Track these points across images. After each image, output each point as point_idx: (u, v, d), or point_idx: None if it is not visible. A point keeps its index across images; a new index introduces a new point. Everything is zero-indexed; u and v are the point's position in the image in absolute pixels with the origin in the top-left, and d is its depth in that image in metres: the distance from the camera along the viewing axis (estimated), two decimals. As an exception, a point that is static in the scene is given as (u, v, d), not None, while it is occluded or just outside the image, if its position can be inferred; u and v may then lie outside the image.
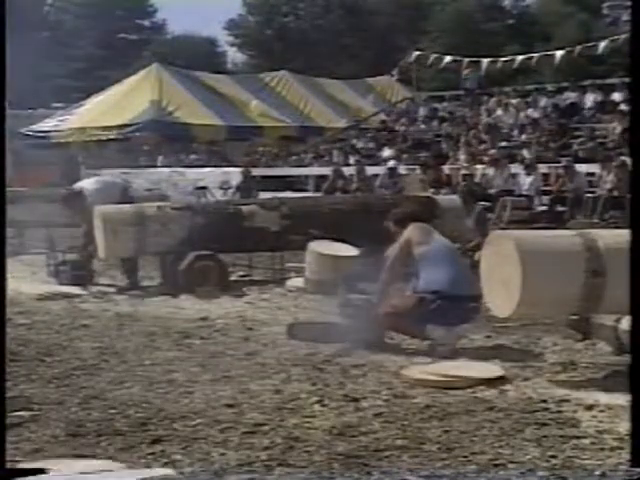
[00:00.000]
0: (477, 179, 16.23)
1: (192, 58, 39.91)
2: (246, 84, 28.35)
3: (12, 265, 7.14)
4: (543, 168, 15.84)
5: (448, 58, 24.55)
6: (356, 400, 4.57)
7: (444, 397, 4.62)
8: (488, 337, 6.16)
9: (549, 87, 21.85)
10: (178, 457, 3.72)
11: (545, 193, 15.33)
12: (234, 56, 54.15)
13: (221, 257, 8.75)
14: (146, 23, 54.09)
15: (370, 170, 18.22)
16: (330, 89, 29.83)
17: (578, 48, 21.85)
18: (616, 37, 20.14)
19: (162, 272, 8.99)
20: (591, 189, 14.71)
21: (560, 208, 14.54)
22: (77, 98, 29.74)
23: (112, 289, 8.85)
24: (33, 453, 3.80)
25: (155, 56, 34.39)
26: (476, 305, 5.87)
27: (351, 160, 20.22)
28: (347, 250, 8.48)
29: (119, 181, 11.42)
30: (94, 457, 3.74)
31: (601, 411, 4.30)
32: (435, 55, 25.42)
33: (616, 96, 18.94)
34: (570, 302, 4.97)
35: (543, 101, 20.51)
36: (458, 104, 23.45)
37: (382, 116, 25.42)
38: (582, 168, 15.18)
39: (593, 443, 3.82)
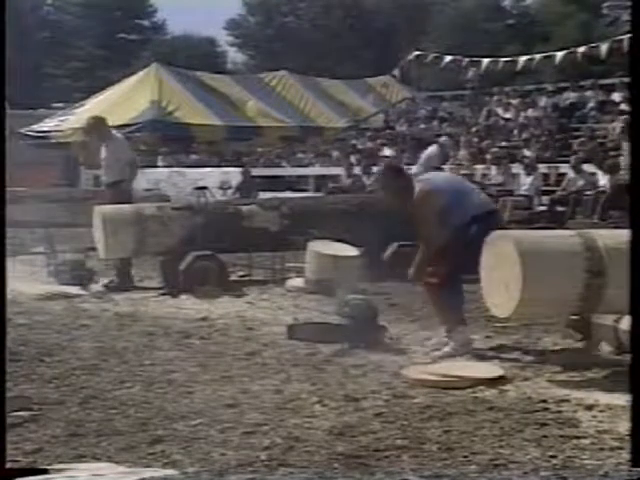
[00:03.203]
0: (477, 179, 16.23)
1: (192, 58, 39.96)
2: (246, 84, 28.35)
3: (12, 265, 7.13)
4: (543, 168, 15.85)
5: (448, 58, 24.54)
6: (356, 400, 4.57)
7: (444, 397, 4.62)
8: (488, 337, 6.16)
9: (549, 87, 21.84)
10: (178, 457, 3.72)
11: (545, 193, 15.33)
12: (234, 56, 54.23)
13: (221, 257, 8.75)
14: (146, 23, 54.10)
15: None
16: (330, 89, 29.83)
17: (580, 50, 21.82)
18: (619, 38, 20.10)
19: (162, 272, 8.99)
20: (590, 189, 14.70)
21: (560, 208, 14.54)
22: (77, 98, 29.74)
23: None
24: (33, 453, 3.80)
25: (155, 56, 34.40)
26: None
27: (352, 160, 20.21)
28: (347, 250, 8.48)
29: None
30: (94, 457, 3.74)
31: (601, 411, 4.30)
32: (435, 55, 25.41)
33: (616, 96, 18.93)
34: (570, 302, 4.97)
35: (543, 101, 20.51)
36: (458, 104, 23.45)
37: (382, 116, 25.44)
38: (582, 168, 15.17)
39: (593, 443, 3.82)
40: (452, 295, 5.83)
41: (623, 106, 17.23)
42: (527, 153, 17.02)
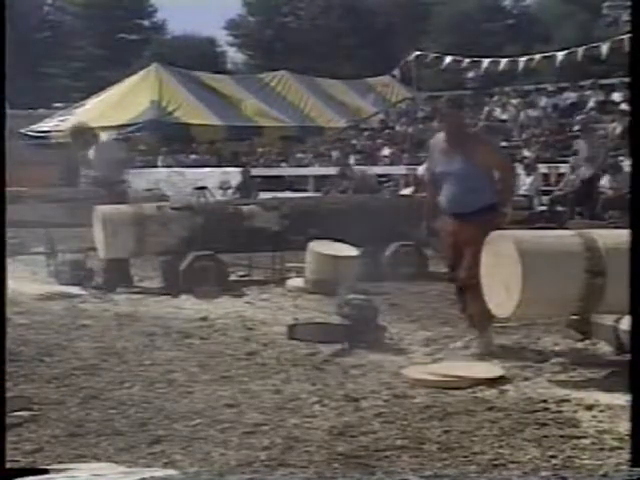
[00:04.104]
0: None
1: (192, 58, 39.94)
2: (246, 84, 28.38)
3: (12, 265, 7.13)
4: (543, 168, 15.85)
5: (448, 58, 24.53)
6: (356, 400, 4.57)
7: (444, 397, 4.62)
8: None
9: (549, 87, 21.83)
10: (178, 457, 3.72)
11: (545, 193, 15.32)
12: (234, 56, 54.25)
13: (221, 257, 8.75)
14: (146, 23, 54.11)
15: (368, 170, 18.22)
16: (330, 89, 29.85)
17: (581, 50, 21.81)
18: (619, 38, 20.10)
19: (162, 272, 8.99)
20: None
21: (560, 208, 14.54)
22: (77, 98, 29.77)
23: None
24: (33, 453, 3.80)
25: (155, 56, 34.43)
26: None
27: (352, 160, 20.21)
28: (347, 250, 8.48)
29: None
30: (94, 457, 3.74)
31: (601, 411, 4.30)
32: (435, 55, 25.40)
33: (616, 96, 18.94)
34: (570, 302, 4.97)
35: (543, 101, 20.51)
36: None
37: (382, 116, 25.46)
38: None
39: (593, 443, 3.82)
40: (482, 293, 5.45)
41: (623, 106, 17.22)
42: (527, 153, 17.01)
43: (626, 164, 13.11)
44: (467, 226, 5.72)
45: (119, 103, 25.44)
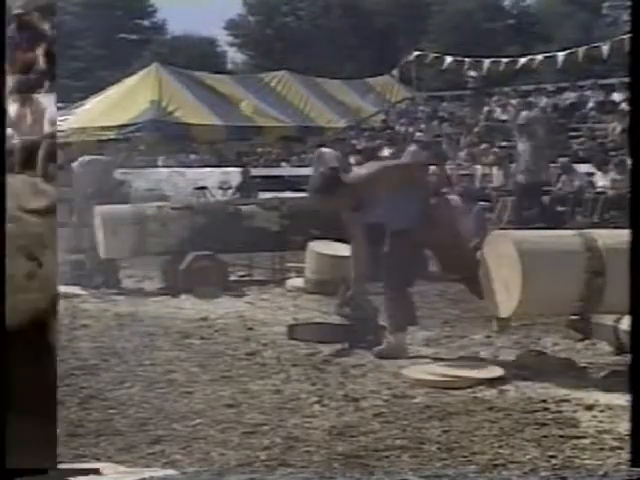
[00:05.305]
0: (477, 179, 16.23)
1: (192, 58, 39.95)
2: (246, 84, 28.34)
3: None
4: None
5: (449, 58, 24.54)
6: (356, 400, 4.57)
7: (444, 397, 4.62)
8: (488, 337, 6.15)
9: (549, 87, 21.83)
10: (178, 457, 3.72)
11: (545, 193, 15.30)
12: (234, 56, 54.24)
13: (221, 257, 8.76)
14: (146, 23, 54.12)
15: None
16: (330, 89, 29.81)
17: (581, 50, 21.82)
18: (619, 38, 20.12)
19: (162, 272, 8.99)
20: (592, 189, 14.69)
21: (560, 208, 14.53)
22: (77, 98, 29.75)
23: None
24: (33, 453, 3.80)
25: (155, 56, 34.41)
26: None
27: (351, 160, 20.18)
28: (347, 250, 8.47)
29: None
30: (94, 457, 3.74)
31: (601, 411, 4.29)
32: (435, 55, 25.41)
33: (616, 96, 18.94)
34: (570, 302, 4.97)
35: (543, 101, 20.51)
36: (459, 104, 23.45)
37: (382, 116, 25.45)
38: (582, 168, 15.17)
39: (593, 443, 3.82)
40: None
41: (623, 106, 17.23)
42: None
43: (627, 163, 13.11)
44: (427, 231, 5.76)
45: (119, 103, 25.37)
